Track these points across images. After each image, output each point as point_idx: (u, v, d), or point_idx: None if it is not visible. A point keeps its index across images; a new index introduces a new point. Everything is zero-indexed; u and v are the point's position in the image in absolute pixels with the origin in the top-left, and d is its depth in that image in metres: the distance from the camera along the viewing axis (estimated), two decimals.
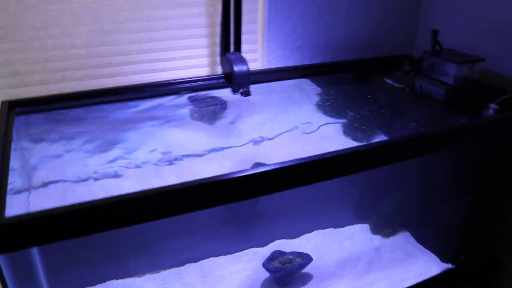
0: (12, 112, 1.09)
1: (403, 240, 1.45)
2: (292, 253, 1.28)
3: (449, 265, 1.35)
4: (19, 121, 1.10)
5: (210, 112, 1.31)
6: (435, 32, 1.35)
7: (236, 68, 1.31)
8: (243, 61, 1.33)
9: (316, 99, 1.44)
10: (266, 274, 1.27)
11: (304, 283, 1.26)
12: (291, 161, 0.87)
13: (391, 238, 1.46)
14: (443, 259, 1.37)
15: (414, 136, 1.03)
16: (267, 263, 1.24)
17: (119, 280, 1.24)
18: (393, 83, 1.44)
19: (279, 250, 1.30)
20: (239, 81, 1.32)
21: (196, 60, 1.40)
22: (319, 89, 1.48)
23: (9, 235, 0.68)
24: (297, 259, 1.24)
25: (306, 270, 1.29)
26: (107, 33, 1.26)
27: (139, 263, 1.27)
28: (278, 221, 1.43)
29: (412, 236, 1.47)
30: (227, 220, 1.42)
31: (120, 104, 1.25)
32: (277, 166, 0.85)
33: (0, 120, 1.02)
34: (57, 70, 1.25)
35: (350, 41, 1.60)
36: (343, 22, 1.55)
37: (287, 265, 1.23)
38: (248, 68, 1.33)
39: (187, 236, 1.33)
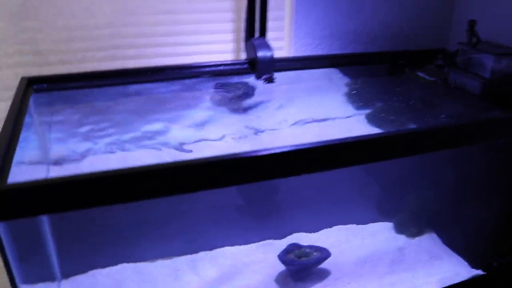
0: (30, 88, 1.09)
1: (429, 241, 1.37)
2: (310, 246, 1.23)
3: (479, 271, 1.26)
4: (37, 98, 1.10)
5: (232, 97, 1.27)
6: (472, 23, 1.27)
7: (259, 54, 1.27)
8: (267, 46, 1.29)
9: (344, 89, 1.38)
10: (282, 267, 1.22)
11: (321, 279, 1.20)
12: (311, 143, 0.82)
13: (416, 239, 1.38)
14: (473, 264, 1.28)
15: (443, 126, 0.96)
16: (283, 256, 1.19)
17: (131, 264, 1.22)
18: (426, 76, 1.36)
19: (296, 243, 1.25)
20: (262, 67, 1.28)
21: (220, 45, 1.37)
22: (347, 79, 1.42)
23: (9, 201, 0.66)
24: (315, 253, 1.19)
25: (324, 266, 1.24)
26: (130, 14, 1.24)
27: (152, 248, 1.25)
28: (298, 214, 1.38)
29: (439, 237, 1.38)
30: (245, 210, 1.38)
31: (140, 86, 1.23)
32: (295, 148, 0.80)
33: (16, 95, 1.02)
34: (79, 50, 1.24)
35: (382, 31, 1.53)
36: (375, 11, 1.49)
37: (303, 258, 1.17)
38: (273, 54, 1.28)
39: (202, 223, 1.29)
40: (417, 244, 1.36)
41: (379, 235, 1.39)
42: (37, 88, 1.13)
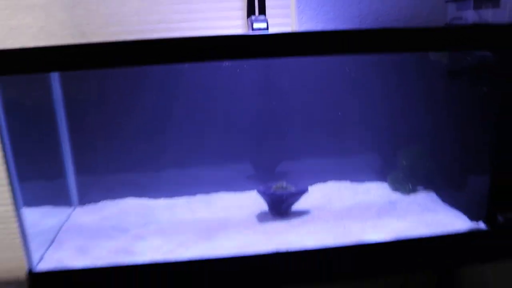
0: None
1: (426, 198, 1.35)
2: (290, 183, 1.31)
3: (481, 225, 1.17)
4: None
5: None
6: None
7: (255, 26, 1.45)
8: (263, 20, 1.47)
9: None
10: (266, 207, 1.30)
11: (299, 216, 1.26)
12: None
13: (412, 195, 1.36)
14: (473, 218, 1.21)
15: None
16: (262, 188, 1.29)
17: (137, 198, 1.41)
18: None
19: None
20: None
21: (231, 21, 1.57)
22: None
23: None
24: (292, 188, 1.27)
25: (306, 207, 1.29)
26: (155, 4, 1.55)
27: (159, 189, 1.42)
28: (297, 170, 1.45)
29: (439, 197, 1.35)
30: (251, 176, 1.49)
31: None
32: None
33: None
34: (114, 34, 1.55)
35: (389, 15, 1.59)
36: None
37: (279, 189, 1.26)
38: (267, 28, 1.45)
39: (208, 173, 1.45)
40: (411, 200, 1.34)
41: (373, 191, 1.40)
42: None
